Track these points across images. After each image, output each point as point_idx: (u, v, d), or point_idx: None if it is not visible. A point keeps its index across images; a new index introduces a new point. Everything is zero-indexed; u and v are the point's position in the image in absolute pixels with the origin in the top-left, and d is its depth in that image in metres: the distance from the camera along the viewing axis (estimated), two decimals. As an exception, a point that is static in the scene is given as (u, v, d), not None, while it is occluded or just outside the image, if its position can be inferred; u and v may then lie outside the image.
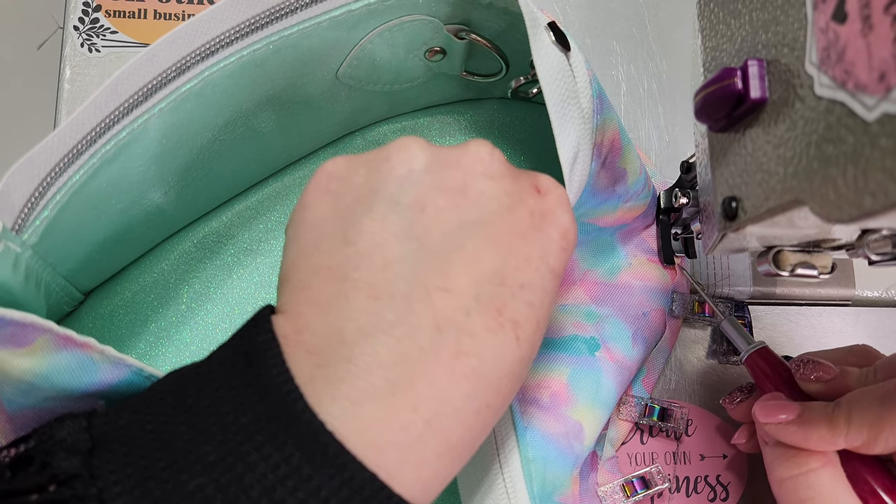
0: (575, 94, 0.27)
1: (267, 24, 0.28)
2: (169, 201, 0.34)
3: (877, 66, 0.17)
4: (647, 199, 0.35)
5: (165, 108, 0.28)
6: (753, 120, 0.23)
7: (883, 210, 0.17)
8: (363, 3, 0.29)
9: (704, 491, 0.37)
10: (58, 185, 0.26)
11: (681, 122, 0.44)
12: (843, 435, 0.28)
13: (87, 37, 0.42)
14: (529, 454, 0.31)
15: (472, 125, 0.41)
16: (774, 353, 0.34)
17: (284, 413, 0.19)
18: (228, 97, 0.30)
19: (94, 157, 0.27)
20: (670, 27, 0.45)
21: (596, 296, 0.36)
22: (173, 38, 0.27)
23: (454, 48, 0.34)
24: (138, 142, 0.28)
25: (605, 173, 0.30)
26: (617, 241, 0.37)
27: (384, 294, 0.20)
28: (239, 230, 0.38)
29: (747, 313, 0.39)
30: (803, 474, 0.29)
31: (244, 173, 0.38)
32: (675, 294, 0.38)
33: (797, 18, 0.21)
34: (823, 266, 0.25)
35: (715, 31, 0.26)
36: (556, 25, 0.27)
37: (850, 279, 0.40)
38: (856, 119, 0.18)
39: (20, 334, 0.20)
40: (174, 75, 0.27)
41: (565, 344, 0.34)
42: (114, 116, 0.27)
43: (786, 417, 0.29)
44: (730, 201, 0.24)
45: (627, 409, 0.37)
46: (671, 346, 0.39)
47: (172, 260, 0.38)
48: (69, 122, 0.26)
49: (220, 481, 0.18)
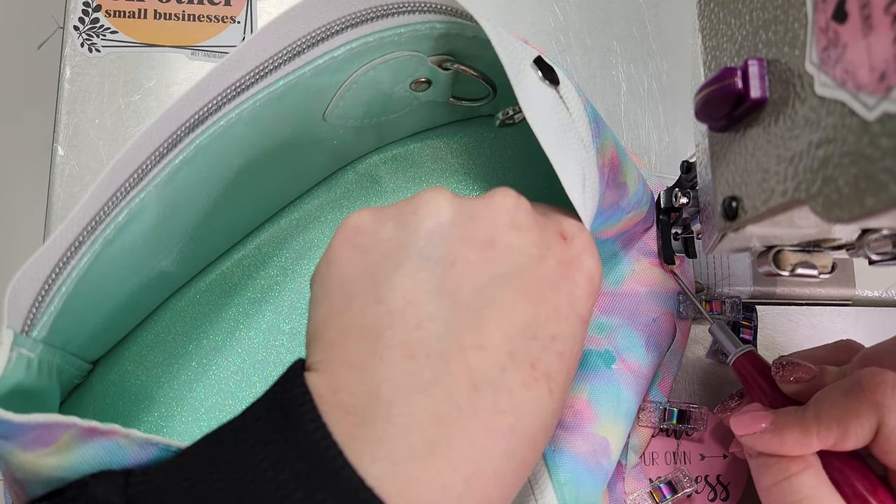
0: (572, 126, 0.26)
1: (251, 85, 0.28)
2: (169, 263, 0.34)
3: (877, 66, 0.17)
4: (646, 206, 0.35)
5: (160, 183, 0.28)
6: (754, 120, 0.23)
7: (883, 209, 0.17)
8: (345, 48, 0.29)
9: (704, 491, 0.37)
10: (62, 279, 0.27)
11: (681, 121, 0.44)
12: (814, 435, 0.28)
13: (87, 37, 0.42)
14: (561, 478, 0.31)
15: (462, 147, 0.41)
16: (761, 357, 0.34)
17: (324, 470, 0.19)
18: (220, 157, 0.30)
19: (95, 244, 0.27)
20: (670, 27, 0.45)
21: (604, 306, 0.36)
22: (163, 119, 0.27)
23: (440, 78, 0.34)
24: (137, 219, 0.28)
25: (610, 192, 0.30)
26: (619, 249, 0.37)
27: (419, 353, 0.20)
28: (240, 279, 0.38)
29: (755, 317, 0.39)
30: (786, 479, 0.29)
31: (240, 223, 0.38)
32: (680, 296, 0.38)
33: (797, 18, 0.21)
34: (824, 266, 0.25)
35: (715, 31, 0.26)
36: (542, 60, 0.26)
37: (850, 279, 0.40)
38: (856, 119, 0.18)
39: (45, 435, 0.20)
40: (166, 151, 0.28)
41: (581, 361, 0.34)
42: (111, 203, 0.27)
43: (760, 427, 0.30)
44: (730, 201, 0.24)
45: (647, 415, 0.37)
46: (683, 348, 0.39)
47: (176, 317, 0.37)
48: (70, 220, 0.26)
49: None
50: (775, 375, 0.32)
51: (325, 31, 0.29)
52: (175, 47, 0.42)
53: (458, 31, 0.30)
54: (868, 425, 0.27)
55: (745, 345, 0.34)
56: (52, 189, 0.40)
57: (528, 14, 0.45)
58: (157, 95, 0.42)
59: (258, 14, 0.43)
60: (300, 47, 0.29)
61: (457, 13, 0.29)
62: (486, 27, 0.25)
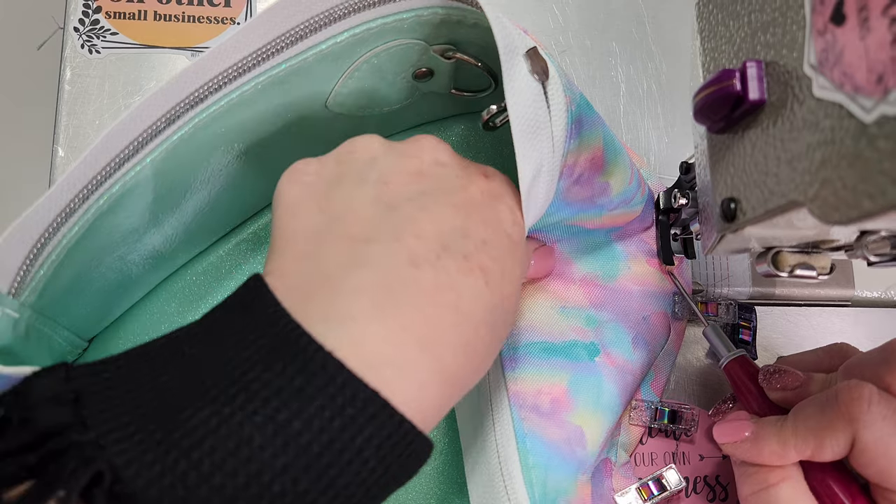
0: (547, 123, 0.26)
1: (254, 67, 0.28)
2: (166, 244, 0.34)
3: (875, 68, 0.17)
4: (639, 206, 0.35)
5: (157, 158, 0.28)
6: (752, 121, 0.23)
7: (881, 211, 0.17)
8: (348, 34, 0.29)
9: (704, 491, 0.37)
10: (52, 244, 0.27)
11: (680, 122, 0.44)
12: (791, 447, 0.28)
13: (87, 38, 0.42)
14: (530, 461, 0.32)
15: (463, 139, 0.41)
16: (752, 362, 0.34)
17: (282, 342, 0.19)
18: (219, 138, 0.30)
19: (88, 213, 0.27)
20: (670, 28, 0.45)
21: (595, 299, 0.36)
22: (162, 91, 0.27)
23: (442, 68, 0.34)
24: (132, 192, 0.28)
25: (580, 189, 0.30)
26: (613, 242, 0.37)
27: (359, 240, 0.22)
28: (238, 263, 0.38)
29: (754, 317, 0.39)
30: (764, 489, 0.29)
31: (239, 208, 0.38)
32: (676, 296, 0.38)
33: (795, 20, 0.21)
34: (822, 267, 0.25)
35: (714, 33, 0.26)
36: (536, 52, 0.26)
37: (849, 280, 0.40)
38: (854, 121, 0.18)
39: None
40: (164, 126, 0.28)
41: (565, 349, 0.34)
42: (105, 172, 0.27)
43: (741, 436, 0.30)
44: (729, 202, 0.25)
45: (638, 414, 0.37)
46: (677, 348, 0.39)
47: (171, 298, 0.37)
48: (61, 182, 0.26)
49: (223, 412, 0.18)
50: (762, 383, 0.32)
51: (329, 15, 0.29)
52: (175, 49, 0.42)
53: (460, 18, 0.30)
54: (843, 439, 0.27)
55: (738, 349, 0.34)
56: (52, 190, 0.40)
57: (527, 15, 0.45)
58: (157, 96, 0.42)
59: (258, 15, 0.43)
60: (303, 31, 0.28)
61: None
62: (486, 9, 0.26)
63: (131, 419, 0.18)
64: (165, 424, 0.18)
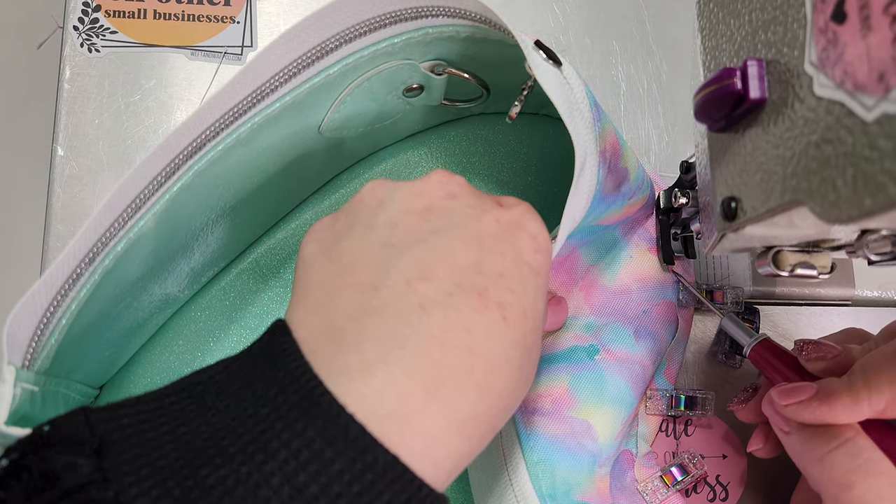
0: (578, 105, 0.27)
1: (248, 109, 0.28)
2: (170, 284, 0.34)
3: (876, 67, 0.17)
4: (647, 191, 0.35)
5: (159, 210, 0.28)
6: (753, 120, 0.23)
7: (882, 210, 0.17)
8: (339, 65, 0.29)
9: (704, 491, 0.37)
10: (61, 311, 0.27)
11: (680, 122, 0.44)
12: (865, 401, 0.28)
13: (86, 37, 0.42)
14: (535, 458, 0.32)
15: (455, 145, 0.41)
16: (777, 343, 0.34)
17: (303, 400, 0.19)
18: (218, 179, 0.30)
19: (95, 275, 0.27)
20: (670, 27, 0.45)
21: (595, 304, 0.36)
22: (161, 147, 0.27)
23: (432, 83, 0.34)
24: (135, 245, 0.28)
25: (611, 176, 0.30)
26: (620, 235, 0.37)
27: (367, 288, 0.22)
28: (241, 293, 0.38)
29: (757, 319, 0.39)
30: (841, 445, 0.28)
31: (238, 239, 0.38)
32: (680, 284, 0.38)
33: (796, 19, 0.21)
34: (823, 266, 0.25)
35: (714, 31, 0.26)
36: (541, 43, 0.27)
37: (849, 279, 0.40)
38: (855, 119, 0.18)
39: None
40: (163, 179, 0.28)
41: (564, 355, 0.34)
42: (109, 233, 0.27)
43: (809, 393, 0.29)
44: (729, 201, 0.24)
45: (654, 403, 0.37)
46: (687, 335, 0.39)
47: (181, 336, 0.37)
48: (68, 251, 0.26)
49: (241, 472, 0.18)
50: (800, 356, 0.31)
51: (321, 50, 0.29)
52: (175, 47, 0.42)
53: (452, 34, 0.30)
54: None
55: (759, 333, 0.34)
56: (51, 189, 0.40)
57: (527, 14, 0.45)
58: (156, 95, 0.42)
59: (258, 14, 0.43)
60: (296, 68, 0.29)
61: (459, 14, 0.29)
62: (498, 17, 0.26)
63: (150, 472, 0.18)
64: (184, 482, 0.18)
